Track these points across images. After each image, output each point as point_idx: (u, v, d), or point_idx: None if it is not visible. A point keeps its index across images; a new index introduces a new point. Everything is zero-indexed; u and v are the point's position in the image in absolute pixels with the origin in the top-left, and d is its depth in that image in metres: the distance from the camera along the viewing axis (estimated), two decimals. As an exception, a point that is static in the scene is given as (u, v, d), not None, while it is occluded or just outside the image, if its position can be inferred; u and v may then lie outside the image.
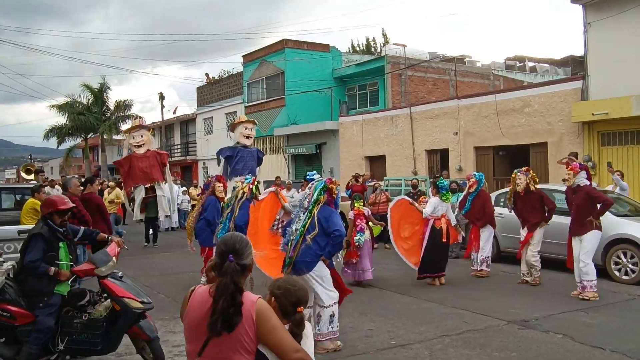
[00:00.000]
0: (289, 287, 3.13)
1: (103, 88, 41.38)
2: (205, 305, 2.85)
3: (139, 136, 16.36)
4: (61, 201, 6.10)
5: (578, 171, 9.27)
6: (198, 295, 2.97)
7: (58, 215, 5.99)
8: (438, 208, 10.71)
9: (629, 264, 10.44)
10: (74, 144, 45.99)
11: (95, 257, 6.00)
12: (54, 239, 5.90)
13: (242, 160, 12.80)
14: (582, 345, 6.68)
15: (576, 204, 9.29)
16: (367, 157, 26.35)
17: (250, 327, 2.80)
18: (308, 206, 6.81)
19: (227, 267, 2.84)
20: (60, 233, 6.02)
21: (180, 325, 8.05)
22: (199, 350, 2.88)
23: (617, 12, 16.10)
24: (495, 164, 20.71)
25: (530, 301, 9.01)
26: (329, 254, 6.78)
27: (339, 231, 6.65)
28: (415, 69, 28.56)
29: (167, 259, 14.38)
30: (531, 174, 10.49)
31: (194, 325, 2.93)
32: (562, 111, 17.85)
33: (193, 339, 2.95)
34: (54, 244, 5.89)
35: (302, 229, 6.68)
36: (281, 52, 31.46)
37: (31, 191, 10.48)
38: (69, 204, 6.11)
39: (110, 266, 5.88)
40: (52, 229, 5.93)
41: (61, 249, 5.96)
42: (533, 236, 10.37)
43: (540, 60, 37.01)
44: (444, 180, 11.81)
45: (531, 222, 10.39)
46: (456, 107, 21.85)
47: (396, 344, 6.91)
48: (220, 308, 2.76)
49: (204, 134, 40.42)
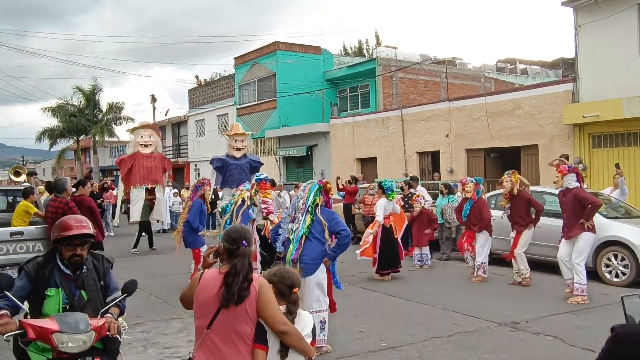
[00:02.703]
0: (284, 274, 3.65)
1: (95, 90, 41.25)
2: (217, 284, 3.34)
3: (147, 136, 16.10)
4: (73, 223, 4.03)
5: (566, 173, 9.30)
6: (209, 276, 3.43)
7: (66, 244, 3.97)
8: (387, 208, 11.38)
9: (619, 266, 10.49)
10: (66, 146, 45.79)
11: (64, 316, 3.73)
12: (45, 279, 3.94)
13: (230, 172, 12.63)
14: (572, 348, 6.71)
15: (566, 207, 9.32)
16: (358, 159, 26.37)
17: (253, 300, 3.32)
18: (306, 208, 6.81)
19: (243, 250, 3.40)
20: (67, 276, 4.01)
21: (171, 327, 8.07)
22: (208, 324, 3.31)
23: (607, 15, 16.18)
24: (487, 166, 20.75)
25: (521, 303, 9.03)
26: (334, 255, 6.78)
27: (346, 231, 6.71)
28: (406, 71, 28.63)
29: (158, 261, 14.35)
30: (514, 177, 10.56)
31: (205, 302, 3.36)
32: (553, 113, 17.92)
33: (203, 315, 3.37)
34: (40, 285, 3.93)
35: (306, 230, 6.68)
36: (273, 54, 31.47)
37: (23, 193, 10.45)
38: (82, 228, 4.01)
39: (79, 342, 3.65)
40: (51, 265, 4.02)
41: (50, 297, 3.92)
42: (520, 238, 10.44)
43: (532, 63, 37.17)
44: (388, 181, 12.15)
45: (519, 225, 10.47)
46: (447, 109, 21.90)
47: (387, 345, 6.92)
48: (237, 283, 3.28)
49: (196, 136, 40.37)
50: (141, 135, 16.02)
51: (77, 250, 3.97)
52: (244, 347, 3.31)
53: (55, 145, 44.14)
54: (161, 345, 7.03)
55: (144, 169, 15.63)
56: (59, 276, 3.97)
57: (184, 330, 7.61)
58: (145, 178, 15.68)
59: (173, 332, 7.61)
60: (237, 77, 35.05)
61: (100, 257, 4.24)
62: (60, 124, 41.42)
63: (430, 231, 12.73)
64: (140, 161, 15.65)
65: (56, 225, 4.05)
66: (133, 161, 15.67)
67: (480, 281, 11.00)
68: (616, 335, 2.28)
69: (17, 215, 10.09)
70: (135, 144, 16.04)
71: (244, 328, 3.31)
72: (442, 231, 13.99)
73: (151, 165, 15.75)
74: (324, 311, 6.65)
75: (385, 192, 11.48)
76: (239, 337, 3.30)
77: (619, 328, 2.29)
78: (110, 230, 20.56)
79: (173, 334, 7.53)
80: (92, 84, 41.19)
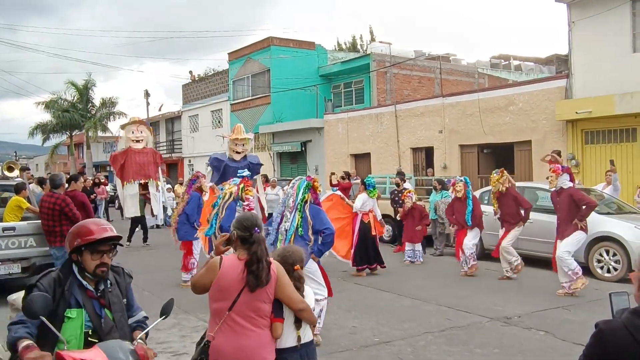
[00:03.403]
0: (286, 253, 3.96)
1: (88, 85, 41.11)
2: (238, 269, 3.55)
3: (138, 132, 16.19)
4: (94, 227, 3.37)
5: (560, 173, 9.30)
6: (229, 263, 3.60)
7: (91, 251, 3.30)
8: (366, 203, 11.47)
9: (611, 261, 10.55)
10: (59, 142, 45.67)
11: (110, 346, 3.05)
12: (63, 298, 3.22)
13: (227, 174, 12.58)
14: (563, 342, 6.74)
15: (561, 207, 9.30)
16: (352, 154, 26.37)
17: (273, 282, 3.59)
18: (295, 205, 6.82)
19: (258, 237, 3.61)
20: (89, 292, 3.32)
21: (164, 322, 8.04)
22: (230, 306, 3.51)
23: (601, 11, 16.23)
24: (480, 162, 20.79)
25: (512, 298, 9.07)
26: (319, 252, 6.78)
27: (330, 229, 6.74)
28: (400, 67, 28.64)
29: (151, 257, 14.33)
30: (496, 177, 10.62)
31: (227, 287, 3.55)
32: (546, 109, 17.97)
33: (223, 298, 3.55)
34: (58, 306, 3.19)
35: (294, 228, 6.69)
36: (267, 49, 31.42)
37: (15, 189, 10.41)
38: (106, 231, 3.37)
39: None
40: (69, 280, 3.29)
41: (71, 320, 3.20)
42: (508, 235, 10.53)
43: (525, 59, 37.20)
44: (371, 178, 12.31)
45: (509, 223, 10.56)
46: (441, 105, 21.92)
47: (379, 340, 6.94)
48: (262, 269, 3.52)
49: (190, 131, 40.33)
50: (132, 131, 16.13)
51: (105, 258, 3.33)
52: (262, 321, 3.59)
53: (48, 141, 44.10)
54: (154, 341, 7.01)
55: (136, 164, 15.75)
56: (80, 294, 3.27)
57: (176, 326, 7.62)
58: (138, 173, 15.80)
59: (166, 328, 7.59)
60: (231, 72, 34.99)
61: (120, 270, 3.59)
62: (53, 119, 41.30)
63: (421, 227, 12.75)
64: (132, 157, 15.76)
65: (73, 232, 3.37)
66: (125, 157, 15.76)
67: (473, 273, 11.04)
68: (599, 331, 2.31)
69: (9, 211, 10.06)
70: (126, 139, 16.11)
71: (263, 307, 3.57)
72: (435, 227, 14.01)
73: (143, 160, 15.87)
74: (323, 300, 6.69)
75: (367, 188, 11.59)
76: (258, 315, 3.57)
77: (602, 324, 2.31)
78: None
79: (166, 329, 7.52)
80: (86, 79, 41.10)
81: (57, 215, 9.08)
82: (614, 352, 2.24)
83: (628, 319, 2.25)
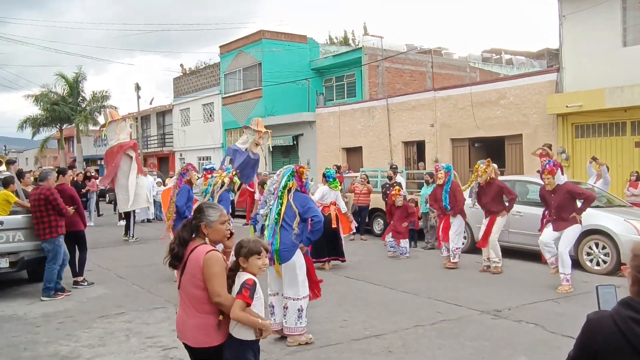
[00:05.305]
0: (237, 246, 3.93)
1: (78, 78, 40.85)
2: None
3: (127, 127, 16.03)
4: None
5: (555, 172, 9.27)
6: None
7: None
8: (327, 196, 11.58)
9: (600, 254, 10.58)
10: (49, 135, 45.41)
11: None
12: None
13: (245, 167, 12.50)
14: (553, 335, 6.76)
15: (557, 203, 9.22)
16: (344, 148, 26.37)
17: (197, 270, 3.67)
18: (276, 192, 6.79)
19: (185, 222, 3.94)
20: None
21: (154, 316, 8.05)
22: (179, 284, 3.85)
23: (591, 5, 16.26)
24: (471, 156, 20.81)
25: (503, 291, 9.09)
26: (308, 241, 6.71)
27: (318, 216, 6.60)
28: (392, 60, 28.62)
29: (141, 251, 14.27)
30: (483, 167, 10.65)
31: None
32: (537, 103, 18.01)
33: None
34: None
35: (277, 216, 6.64)
36: (258, 43, 31.35)
37: (2, 182, 10.32)
38: None
39: None
40: None
41: None
42: (494, 225, 10.54)
43: (517, 53, 37.33)
44: (331, 170, 12.27)
45: (492, 212, 10.59)
46: (433, 99, 21.93)
47: (370, 334, 6.93)
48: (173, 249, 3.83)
49: (181, 125, 40.20)
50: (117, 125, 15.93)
51: None
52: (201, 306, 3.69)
53: (38, 134, 43.76)
54: (144, 335, 7.00)
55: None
56: None
57: (167, 320, 7.58)
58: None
59: (156, 322, 7.57)
60: (222, 65, 34.90)
61: None
62: (42, 112, 41.01)
63: (407, 224, 12.75)
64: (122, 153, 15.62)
65: None
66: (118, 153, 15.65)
67: (453, 268, 11.06)
68: (587, 322, 2.35)
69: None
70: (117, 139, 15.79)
71: (194, 292, 3.70)
72: (426, 220, 14.03)
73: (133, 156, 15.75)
74: (301, 299, 6.56)
75: (328, 180, 11.62)
76: (191, 299, 3.73)
77: (591, 314, 2.35)
78: (91, 220, 20.39)
79: (156, 323, 7.50)
80: (76, 72, 40.84)
81: (43, 204, 9.04)
82: (599, 342, 2.28)
83: (616, 310, 2.29)
